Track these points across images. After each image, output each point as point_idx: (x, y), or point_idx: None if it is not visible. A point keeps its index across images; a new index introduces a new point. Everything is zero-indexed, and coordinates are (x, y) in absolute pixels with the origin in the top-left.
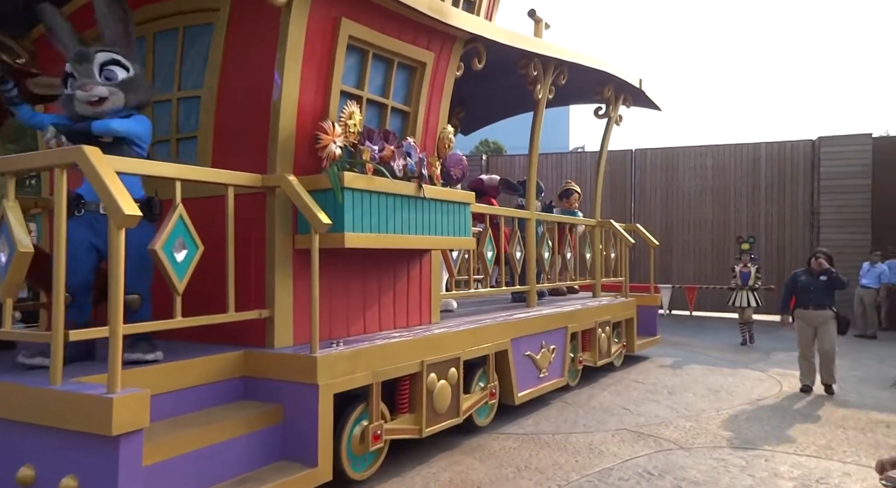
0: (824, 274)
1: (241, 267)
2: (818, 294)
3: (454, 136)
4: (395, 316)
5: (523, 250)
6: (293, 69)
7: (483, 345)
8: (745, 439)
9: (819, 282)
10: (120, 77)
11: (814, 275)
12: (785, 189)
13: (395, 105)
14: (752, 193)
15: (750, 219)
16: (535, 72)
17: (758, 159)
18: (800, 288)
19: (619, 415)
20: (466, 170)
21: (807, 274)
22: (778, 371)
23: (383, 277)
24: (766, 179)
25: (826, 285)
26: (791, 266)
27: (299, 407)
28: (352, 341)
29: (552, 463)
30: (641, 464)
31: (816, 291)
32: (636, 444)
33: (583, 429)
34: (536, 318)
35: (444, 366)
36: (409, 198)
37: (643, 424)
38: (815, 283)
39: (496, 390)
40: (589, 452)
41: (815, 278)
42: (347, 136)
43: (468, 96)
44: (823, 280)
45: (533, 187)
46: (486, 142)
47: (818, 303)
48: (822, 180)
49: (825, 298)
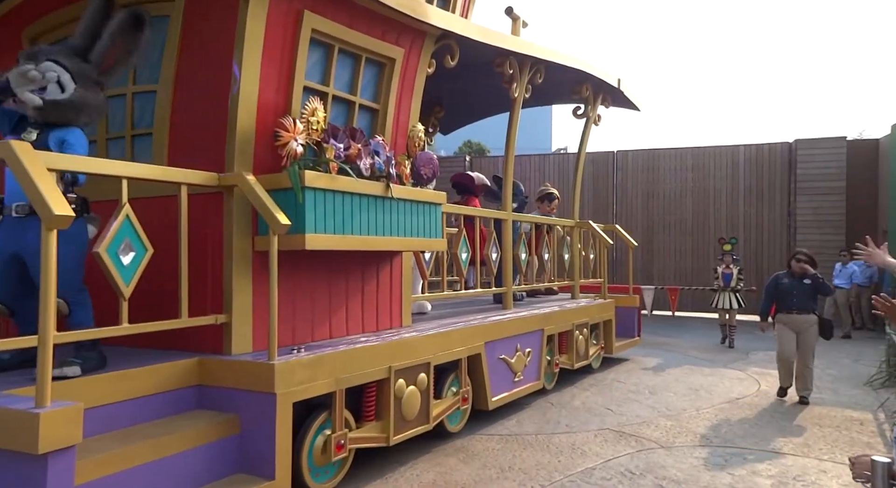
0: (808, 277)
1: (198, 270)
2: (802, 298)
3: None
4: (363, 320)
5: (499, 251)
6: (252, 63)
7: (455, 349)
8: (725, 438)
9: (803, 286)
10: (50, 95)
11: (796, 277)
12: (763, 190)
13: (363, 102)
14: (732, 195)
15: (729, 220)
16: (510, 70)
17: (737, 161)
18: (782, 292)
19: (602, 415)
20: (437, 170)
21: (789, 277)
22: (756, 370)
23: (351, 280)
24: (744, 181)
25: (810, 288)
26: (769, 266)
27: (256, 417)
28: (315, 347)
29: (535, 464)
30: (623, 464)
31: (800, 295)
32: (618, 444)
33: (565, 429)
34: (511, 321)
35: (414, 371)
36: (376, 198)
37: (625, 424)
38: (798, 287)
39: (469, 395)
40: (572, 452)
41: (798, 281)
42: (310, 134)
43: (447, 95)
44: (807, 283)
45: (509, 188)
46: (469, 143)
47: (802, 307)
48: (798, 182)
49: (809, 302)
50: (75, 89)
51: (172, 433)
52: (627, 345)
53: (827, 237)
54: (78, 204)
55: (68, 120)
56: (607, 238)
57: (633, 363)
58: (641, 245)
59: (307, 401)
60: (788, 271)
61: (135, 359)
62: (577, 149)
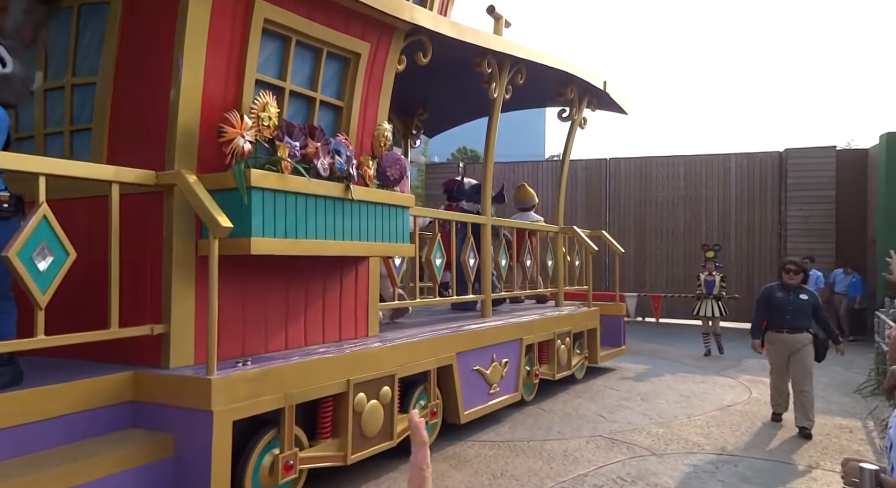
0: (805, 293)
1: (137, 277)
2: (796, 315)
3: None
4: (324, 329)
5: (477, 257)
6: (196, 53)
7: (423, 360)
8: (716, 445)
9: (799, 302)
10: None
11: (788, 290)
12: (754, 199)
13: (324, 99)
14: (723, 203)
15: (721, 228)
16: (489, 69)
17: (728, 170)
18: (774, 307)
19: (594, 422)
20: (405, 171)
21: (782, 289)
22: (748, 378)
23: (311, 287)
24: (736, 189)
25: (808, 306)
26: (759, 274)
27: (192, 438)
28: (264, 359)
29: (527, 470)
30: (615, 471)
31: (795, 312)
32: (610, 451)
33: (558, 436)
34: (487, 330)
35: (376, 384)
36: (335, 200)
37: (617, 431)
38: (791, 301)
39: (438, 409)
40: (564, 459)
41: (793, 296)
42: (261, 130)
43: (431, 97)
44: (804, 299)
45: (488, 191)
46: (463, 150)
47: (795, 325)
48: (789, 191)
49: (803, 320)
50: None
51: (93, 456)
52: (613, 354)
53: (816, 245)
54: (11, 203)
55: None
56: (592, 244)
57: (624, 370)
58: (633, 252)
59: (255, 418)
60: (781, 283)
61: (62, 373)
62: (573, 156)
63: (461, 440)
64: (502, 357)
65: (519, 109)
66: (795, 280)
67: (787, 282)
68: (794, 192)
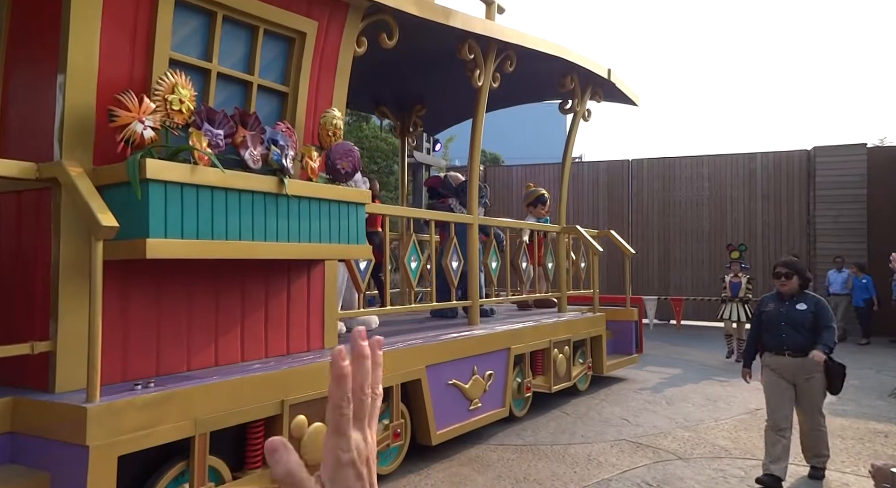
0: (804, 301)
1: (25, 285)
2: (796, 330)
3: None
4: (267, 342)
5: (461, 260)
6: (87, 27)
7: (384, 375)
8: (744, 449)
9: (796, 313)
10: None
11: (783, 299)
12: (781, 199)
13: (264, 83)
14: (749, 203)
15: (746, 228)
16: (471, 55)
17: (754, 169)
18: (766, 322)
19: (618, 426)
20: (358, 163)
21: (775, 300)
22: None
23: (250, 295)
24: (762, 189)
25: (809, 317)
26: None
27: (67, 477)
28: (177, 379)
29: (550, 474)
30: (640, 475)
31: (792, 327)
32: (635, 455)
33: (581, 440)
34: (467, 340)
35: (320, 404)
36: (266, 195)
37: (642, 435)
38: (788, 314)
39: (403, 429)
40: (588, 463)
41: (789, 306)
42: (170, 115)
43: (429, 91)
44: (803, 309)
45: (475, 188)
46: (484, 153)
47: (796, 345)
48: (817, 190)
49: (803, 336)
50: None
51: None
52: (623, 362)
53: (847, 245)
54: None
55: None
56: (596, 245)
57: (648, 374)
58: (657, 254)
59: (167, 447)
60: (776, 292)
61: None
62: (593, 157)
63: (483, 443)
64: (486, 369)
65: (519, 104)
66: (790, 285)
67: (780, 290)
68: (823, 191)
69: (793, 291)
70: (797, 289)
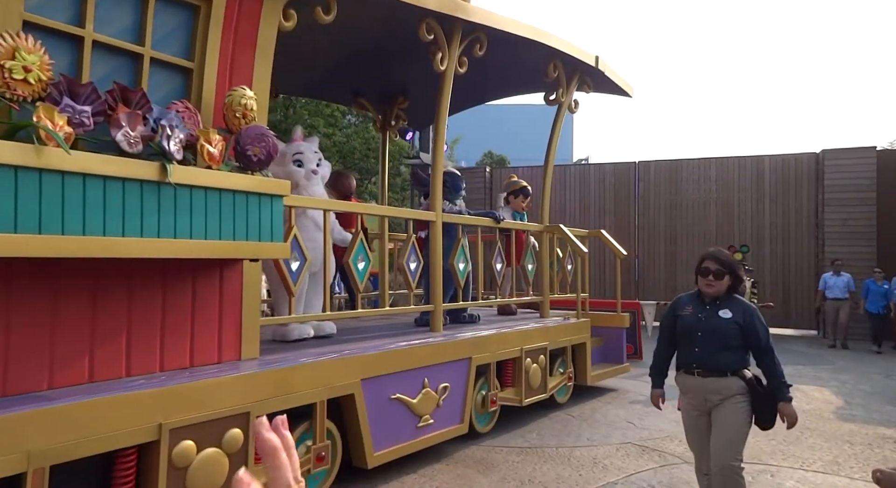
0: (729, 307)
1: None
2: (709, 342)
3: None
4: (163, 354)
5: (420, 260)
6: None
7: (304, 390)
8: (751, 454)
9: (718, 322)
10: None
11: (705, 303)
12: (789, 201)
13: (159, 56)
14: (757, 206)
15: (754, 231)
16: (430, 35)
17: (762, 171)
18: (680, 331)
19: (624, 429)
20: (274, 150)
21: (693, 301)
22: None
23: (139, 301)
24: (770, 192)
25: (728, 328)
26: (795, 280)
27: None
28: (17, 403)
29: (556, 477)
30: (646, 479)
31: (707, 337)
32: (640, 458)
33: (587, 443)
34: (414, 349)
35: (215, 427)
36: (143, 183)
37: (647, 438)
38: (708, 322)
39: (328, 451)
40: (593, 466)
41: (711, 312)
42: (10, 86)
43: (412, 82)
44: (725, 317)
45: (439, 184)
46: (490, 154)
47: (711, 363)
48: (826, 193)
49: (722, 352)
50: None
51: None
52: (610, 372)
53: (856, 249)
54: None
55: None
56: (581, 245)
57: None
58: (664, 257)
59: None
60: (697, 293)
61: None
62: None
63: (488, 445)
64: (440, 381)
65: (504, 97)
66: (717, 287)
67: (704, 291)
68: (832, 194)
69: (718, 294)
70: (725, 291)
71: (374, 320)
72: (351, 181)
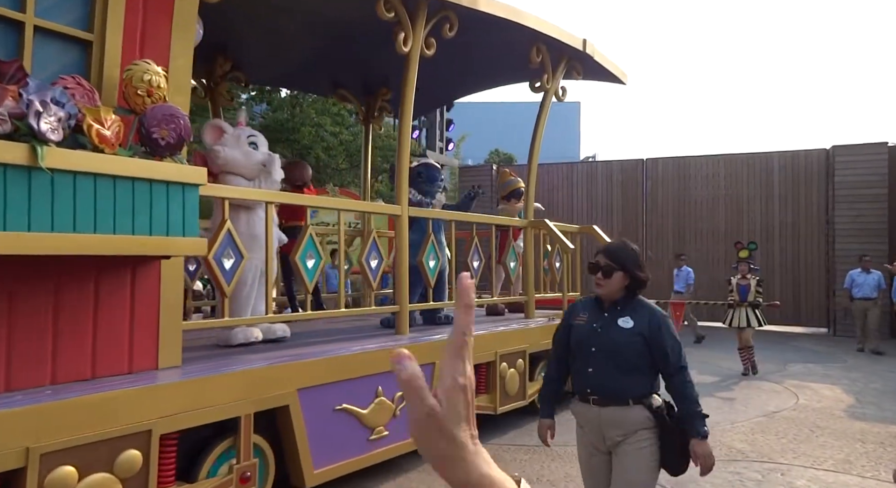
0: (631, 312)
1: None
2: (609, 362)
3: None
4: (54, 364)
5: (380, 257)
6: None
7: (224, 403)
8: (761, 452)
9: (616, 333)
10: None
11: (602, 310)
12: (799, 198)
13: (46, 25)
14: (766, 203)
15: (763, 228)
16: (390, 13)
17: (771, 168)
18: (573, 345)
19: None
20: (186, 132)
21: (592, 309)
22: (793, 383)
23: (23, 303)
24: (779, 188)
25: (630, 340)
26: (805, 278)
27: None
28: None
29: (564, 476)
30: None
31: (609, 354)
32: None
33: None
34: (364, 355)
35: (105, 448)
36: (7, 168)
37: None
38: (605, 334)
39: (254, 471)
40: None
41: (608, 320)
42: None
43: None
44: (626, 327)
45: (404, 177)
46: (497, 152)
47: (608, 388)
48: (836, 189)
49: (626, 374)
50: None
51: None
52: None
53: (868, 246)
54: None
55: None
56: (567, 242)
57: None
58: (673, 254)
59: None
60: (595, 298)
61: None
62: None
63: (496, 443)
64: (396, 389)
65: (491, 87)
66: (607, 287)
67: (597, 292)
68: (843, 191)
69: (612, 296)
70: (621, 292)
71: (344, 321)
72: (306, 171)
